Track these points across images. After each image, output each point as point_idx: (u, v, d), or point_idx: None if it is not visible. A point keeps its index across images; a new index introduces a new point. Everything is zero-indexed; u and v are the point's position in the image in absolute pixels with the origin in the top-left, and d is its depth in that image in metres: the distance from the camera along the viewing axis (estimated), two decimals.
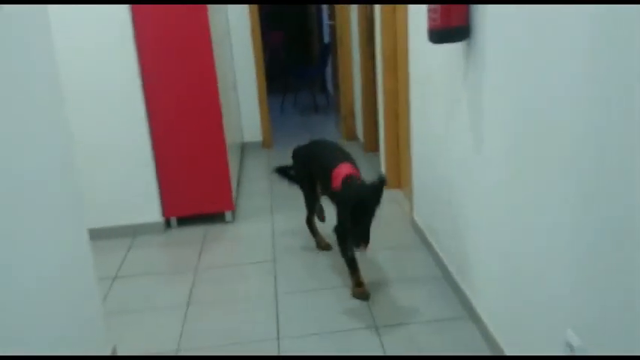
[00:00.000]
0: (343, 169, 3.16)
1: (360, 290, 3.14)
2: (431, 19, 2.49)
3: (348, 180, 3.04)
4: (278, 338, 2.81)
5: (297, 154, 3.80)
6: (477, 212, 2.67)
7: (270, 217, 4.40)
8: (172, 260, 3.87)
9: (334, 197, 3.14)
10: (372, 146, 5.76)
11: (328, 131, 7.05)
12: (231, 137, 4.73)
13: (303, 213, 3.80)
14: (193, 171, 4.20)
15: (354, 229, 2.89)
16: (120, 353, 2.73)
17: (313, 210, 3.75)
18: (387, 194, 4.62)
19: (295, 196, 3.93)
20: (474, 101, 2.56)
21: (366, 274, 3.25)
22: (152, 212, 4.17)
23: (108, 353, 2.61)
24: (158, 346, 2.82)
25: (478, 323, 2.74)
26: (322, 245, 3.76)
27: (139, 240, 4.07)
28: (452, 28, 2.43)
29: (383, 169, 5.04)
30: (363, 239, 2.87)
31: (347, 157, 3.33)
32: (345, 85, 6.52)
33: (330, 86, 8.94)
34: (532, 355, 2.18)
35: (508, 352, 2.42)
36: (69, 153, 2.38)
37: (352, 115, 6.55)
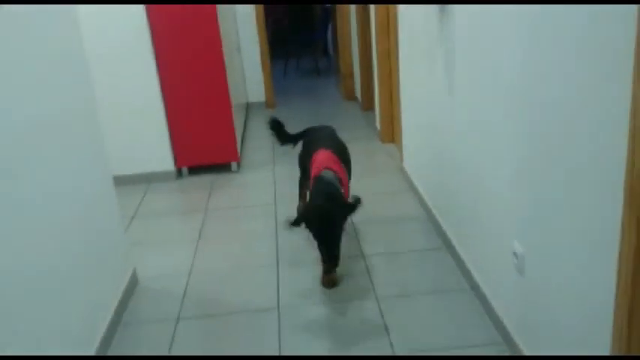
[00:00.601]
0: (320, 157, 3.03)
1: (328, 278, 2.95)
2: None
3: (317, 180, 2.90)
4: (277, 265, 3.22)
5: (305, 137, 3.60)
6: (452, 149, 3.05)
7: (272, 167, 4.79)
8: (184, 203, 4.30)
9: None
10: (369, 105, 6.11)
11: (329, 92, 7.40)
12: (235, 96, 5.10)
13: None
14: (202, 125, 4.59)
15: (321, 247, 2.76)
16: (139, 274, 3.16)
17: (304, 197, 3.56)
18: (383, 148, 5.07)
19: (296, 150, 4.30)
20: (447, 54, 2.91)
21: (357, 213, 3.63)
22: (165, 162, 4.59)
23: (129, 274, 3.04)
24: (173, 269, 3.26)
25: (451, 250, 3.15)
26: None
27: (153, 186, 4.50)
28: None
29: (378, 126, 5.41)
30: (330, 259, 2.75)
31: (332, 145, 3.18)
32: (343, 48, 6.85)
33: (331, 50, 9.24)
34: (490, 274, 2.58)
35: (469, 264, 2.83)
36: (91, 106, 2.77)
37: (351, 76, 6.89)
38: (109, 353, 2.54)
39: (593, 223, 1.66)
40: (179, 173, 4.70)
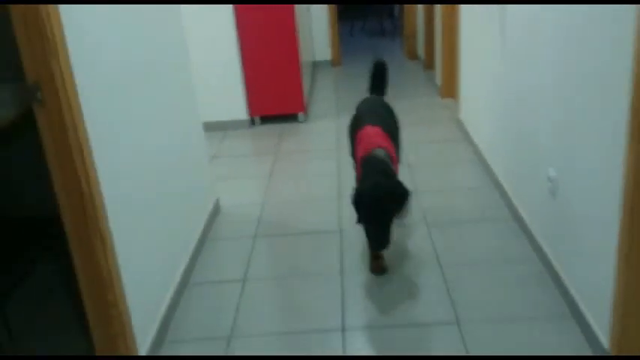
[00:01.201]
0: (369, 132, 2.79)
1: (377, 263, 2.81)
2: None
3: (371, 157, 2.65)
4: (338, 198, 3.63)
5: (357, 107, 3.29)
6: (503, 100, 3.33)
7: (336, 118, 5.18)
8: (257, 146, 4.77)
9: (357, 167, 2.78)
10: (430, 64, 6.35)
11: (393, 52, 7.66)
12: (304, 53, 5.48)
13: None
14: (273, 79, 5.02)
15: (371, 230, 2.51)
16: (221, 204, 3.64)
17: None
18: (442, 102, 5.34)
19: (359, 100, 4.66)
20: (501, 24, 3.17)
21: (414, 159, 3.98)
22: (240, 112, 5.06)
23: (213, 202, 3.53)
24: (249, 200, 3.74)
25: (497, 187, 3.46)
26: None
27: (230, 133, 4.99)
28: None
29: (438, 82, 5.67)
30: (382, 242, 2.48)
31: (382, 121, 2.92)
32: (408, 10, 7.07)
33: (396, 11, 9.42)
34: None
35: (511, 195, 3.15)
36: (187, 62, 3.21)
37: (414, 36, 7.12)
38: (199, 261, 3.04)
39: (609, 151, 1.95)
40: (252, 122, 5.17)
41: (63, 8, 1.78)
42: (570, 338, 2.25)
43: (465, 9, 4.26)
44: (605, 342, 2.07)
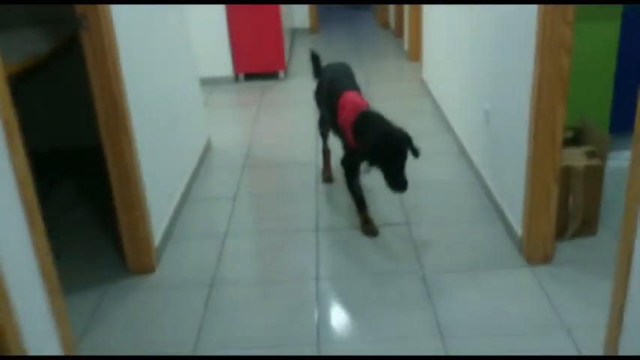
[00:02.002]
0: (352, 97, 2.97)
1: (369, 227, 2.97)
2: None
3: (367, 114, 2.86)
4: (315, 137, 4.18)
5: (322, 73, 3.46)
6: (452, 61, 3.93)
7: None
8: (242, 99, 5.31)
9: (344, 129, 2.94)
10: (400, 32, 6.92)
11: (367, 22, 8.21)
12: (284, 18, 5.99)
13: None
14: (257, 39, 5.53)
15: (390, 174, 2.69)
16: (213, 142, 4.18)
17: (325, 137, 3.53)
18: (409, 66, 5.92)
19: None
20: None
21: (383, 111, 4.54)
22: (226, 69, 5.58)
23: (206, 139, 4.06)
24: (238, 139, 4.29)
25: (449, 130, 4.07)
26: (325, 175, 3.56)
27: (216, 87, 5.51)
28: None
29: (406, 47, 6.26)
30: (402, 185, 2.68)
31: (356, 87, 3.13)
32: None
33: None
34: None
35: (456, 127, 3.77)
36: (185, 26, 3.72)
37: (386, 8, 7.68)
38: (196, 183, 3.58)
39: (520, 93, 2.55)
40: (236, 79, 5.69)
41: None
42: (496, 232, 2.88)
43: None
44: (519, 231, 2.69)
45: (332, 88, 3.13)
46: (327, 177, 3.54)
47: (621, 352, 1.82)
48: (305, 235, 2.99)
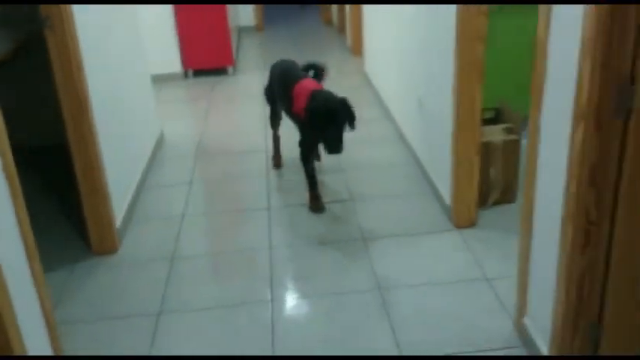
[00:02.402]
0: (306, 83, 3.22)
1: (317, 204, 3.23)
2: None
3: (314, 91, 3.11)
4: (265, 128, 4.45)
5: (271, 70, 3.71)
6: (387, 53, 4.26)
7: (261, 72, 5.95)
8: (193, 94, 5.51)
9: (300, 115, 3.14)
10: (343, 29, 7.25)
11: (311, 20, 8.51)
12: (231, 17, 6.22)
13: None
14: (204, 37, 5.74)
15: (328, 138, 2.95)
16: (166, 135, 4.37)
17: (276, 127, 3.78)
18: (351, 60, 6.25)
19: (280, 58, 5.47)
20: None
21: None
22: (175, 65, 5.76)
23: (159, 131, 4.26)
24: (190, 131, 4.50)
25: (389, 118, 4.41)
26: (275, 161, 3.80)
27: (167, 84, 5.68)
28: None
29: (348, 43, 6.59)
30: (337, 147, 2.93)
31: (306, 75, 3.40)
32: None
33: None
34: None
35: (395, 114, 4.10)
36: (135, 24, 3.91)
37: (329, 6, 7.99)
38: (151, 171, 3.78)
39: (445, 79, 2.89)
40: (185, 75, 5.88)
41: None
42: (429, 203, 3.21)
43: None
44: (448, 200, 3.04)
45: (285, 80, 3.38)
46: (277, 163, 3.80)
47: (529, 296, 2.16)
48: (258, 213, 3.25)
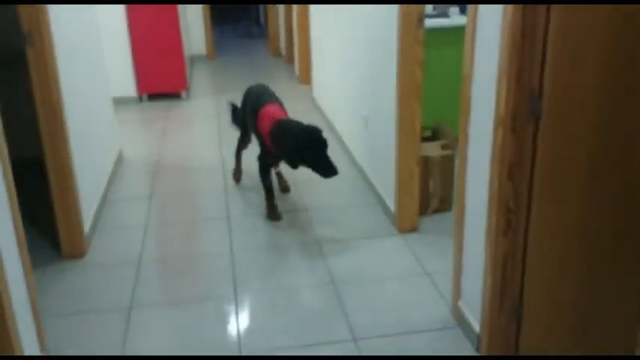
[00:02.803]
0: (271, 109, 3.47)
1: (274, 213, 3.50)
2: None
3: (281, 122, 3.32)
4: (219, 146, 4.71)
5: (246, 93, 3.88)
6: (333, 79, 4.65)
7: (213, 97, 6.28)
8: (148, 116, 5.72)
9: (263, 135, 3.38)
10: (290, 59, 7.65)
11: (260, 51, 8.89)
12: (184, 44, 6.50)
13: (235, 96, 5.66)
14: (159, 61, 5.99)
15: (320, 164, 3.20)
16: (125, 154, 4.56)
17: (241, 146, 4.00)
18: (300, 88, 6.62)
19: (232, 86, 5.78)
20: (336, 31, 4.49)
21: None
22: (130, 89, 5.97)
23: (119, 148, 4.44)
24: (148, 150, 4.70)
25: (338, 139, 4.77)
26: (236, 177, 4.03)
27: (122, 107, 5.84)
28: None
29: (297, 72, 6.97)
30: (332, 169, 3.18)
31: (277, 100, 3.65)
32: (272, 15, 8.34)
33: (262, 19, 10.68)
34: None
35: (342, 134, 4.46)
36: (100, 46, 4.15)
37: (277, 38, 8.40)
38: (113, 187, 3.96)
39: (389, 100, 3.27)
40: (140, 99, 6.08)
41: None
42: (376, 211, 3.55)
43: (313, 14, 5.56)
44: (392, 208, 3.38)
45: (256, 102, 3.62)
46: (238, 178, 4.04)
47: (462, 282, 2.51)
48: (218, 222, 3.49)
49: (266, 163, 3.55)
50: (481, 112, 2.19)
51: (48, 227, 3.10)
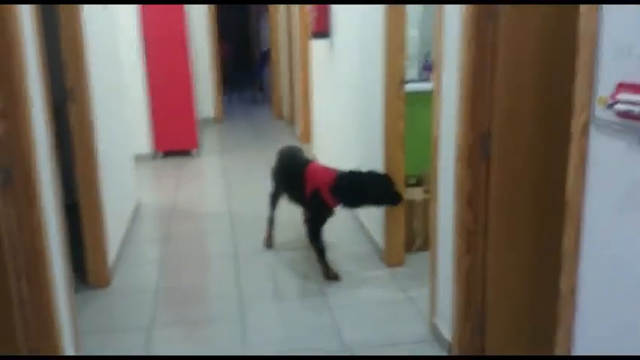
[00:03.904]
0: (317, 167, 3.68)
1: (333, 273, 3.58)
2: (311, 25, 5.00)
3: (344, 173, 3.52)
4: (228, 198, 5.19)
5: (278, 155, 4.11)
6: (330, 137, 5.19)
7: (221, 155, 6.84)
8: (163, 171, 6.26)
9: (327, 190, 3.47)
10: (292, 120, 8.27)
11: (263, 115, 9.57)
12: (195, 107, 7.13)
13: (241, 154, 6.22)
14: (173, 122, 6.59)
15: (389, 195, 3.47)
16: (143, 203, 5.03)
17: (274, 207, 4.07)
18: (301, 146, 7.16)
19: (237, 145, 6.35)
20: (332, 73, 5.08)
21: None
22: (145, 147, 6.53)
23: (136, 200, 4.92)
24: (164, 199, 5.19)
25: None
26: (268, 242, 4.07)
27: (139, 163, 6.37)
28: (319, 32, 4.96)
29: (298, 132, 7.55)
30: (398, 197, 3.48)
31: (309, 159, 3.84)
32: (275, 79, 9.04)
33: (265, 86, 11.44)
34: None
35: None
36: (124, 104, 4.72)
37: (280, 102, 9.07)
38: (131, 230, 4.41)
39: (375, 147, 3.77)
40: (154, 155, 6.63)
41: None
42: (367, 249, 3.98)
43: (314, 78, 6.19)
44: (381, 244, 3.81)
45: (293, 165, 3.80)
46: (269, 244, 4.08)
47: (437, 301, 2.91)
48: (226, 258, 3.92)
49: (319, 223, 3.63)
50: (446, 152, 2.68)
51: (74, 261, 3.52)
